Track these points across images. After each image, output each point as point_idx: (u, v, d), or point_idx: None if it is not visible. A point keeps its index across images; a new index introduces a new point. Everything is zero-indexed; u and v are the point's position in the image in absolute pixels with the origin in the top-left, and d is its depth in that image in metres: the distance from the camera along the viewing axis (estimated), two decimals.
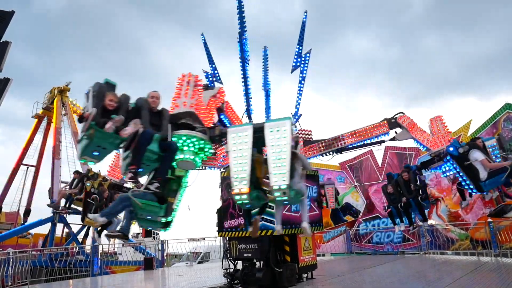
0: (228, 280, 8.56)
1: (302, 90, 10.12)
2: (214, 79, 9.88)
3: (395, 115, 8.83)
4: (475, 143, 7.35)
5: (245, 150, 4.86)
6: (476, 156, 7.03)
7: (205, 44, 10.29)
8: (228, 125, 8.81)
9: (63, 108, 26.54)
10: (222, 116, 8.77)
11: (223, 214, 8.91)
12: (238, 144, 4.91)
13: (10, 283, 10.85)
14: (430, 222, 15.31)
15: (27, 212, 26.48)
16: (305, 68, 10.17)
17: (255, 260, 8.70)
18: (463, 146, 7.27)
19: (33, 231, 23.34)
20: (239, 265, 9.03)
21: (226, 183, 8.96)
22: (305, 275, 9.18)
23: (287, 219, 8.34)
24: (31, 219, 25.04)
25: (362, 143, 9.27)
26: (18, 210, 26.83)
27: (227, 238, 9.21)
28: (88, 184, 10.15)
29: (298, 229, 8.58)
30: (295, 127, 9.76)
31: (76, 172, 12.07)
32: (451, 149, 7.37)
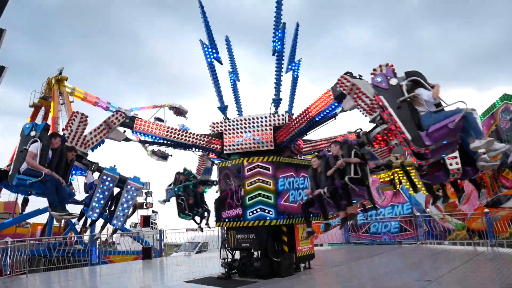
0: (226, 269, 8.60)
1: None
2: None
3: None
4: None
5: None
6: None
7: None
8: None
9: (61, 97, 26.39)
10: None
11: (221, 204, 8.91)
12: None
13: (8, 272, 10.89)
14: (427, 210, 15.41)
15: (25, 201, 26.42)
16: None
17: (253, 250, 8.74)
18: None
19: (31, 220, 23.38)
20: (237, 255, 9.07)
21: (224, 173, 8.95)
22: (302, 265, 9.23)
23: (284, 209, 8.36)
24: (29, 209, 25.07)
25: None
26: (16, 199, 26.77)
27: (225, 228, 9.23)
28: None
29: (296, 219, 8.61)
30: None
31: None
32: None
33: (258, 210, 8.17)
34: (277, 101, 9.22)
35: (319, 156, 6.80)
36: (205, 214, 11.16)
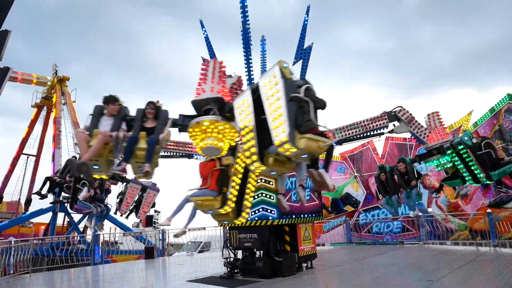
0: (228, 269, 8.62)
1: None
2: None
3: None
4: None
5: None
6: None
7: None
8: None
9: (63, 98, 26.50)
10: None
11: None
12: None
13: (12, 272, 10.93)
14: (430, 210, 15.39)
15: (28, 201, 26.58)
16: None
17: (255, 250, 8.75)
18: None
19: (34, 220, 23.45)
20: (239, 254, 9.08)
21: None
22: (304, 265, 9.25)
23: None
24: (32, 209, 25.17)
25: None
26: (19, 199, 26.98)
27: (227, 227, 9.25)
28: None
29: (298, 218, 8.63)
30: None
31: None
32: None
33: (261, 209, 8.19)
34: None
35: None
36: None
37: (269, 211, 8.17)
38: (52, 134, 25.51)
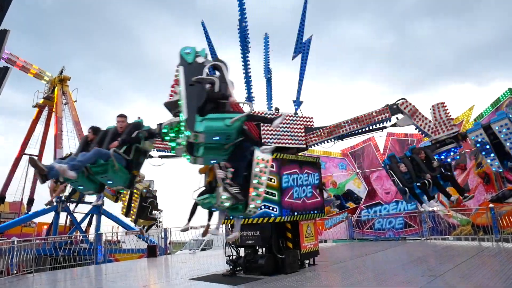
0: (231, 267, 8.63)
1: (303, 77, 10.04)
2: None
3: (397, 101, 8.57)
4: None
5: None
6: None
7: (204, 29, 10.15)
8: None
9: (64, 97, 26.50)
10: None
11: None
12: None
13: (15, 271, 10.97)
14: (431, 207, 15.36)
15: (31, 201, 26.66)
16: (306, 55, 10.12)
17: (257, 247, 8.76)
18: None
19: (37, 220, 23.51)
20: (242, 252, 9.09)
21: None
22: (307, 262, 9.26)
23: (289, 206, 8.37)
24: (34, 208, 25.25)
25: (363, 130, 9.09)
26: (22, 199, 27.00)
27: (230, 225, 9.25)
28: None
29: (300, 216, 8.62)
30: (295, 113, 9.64)
31: None
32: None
33: (263, 207, 8.18)
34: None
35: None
36: None
37: (271, 208, 8.16)
38: (54, 134, 25.53)
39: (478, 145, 7.71)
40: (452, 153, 8.33)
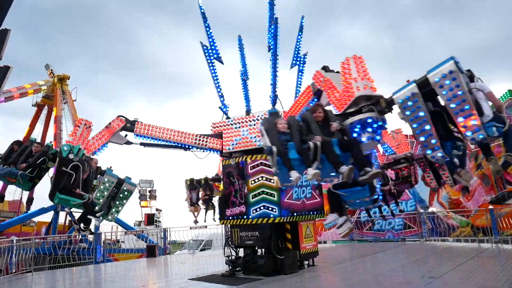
0: (230, 267, 8.62)
1: (300, 87, 9.98)
2: (214, 54, 9.58)
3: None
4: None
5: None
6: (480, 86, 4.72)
7: (203, 15, 9.82)
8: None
9: (63, 97, 26.50)
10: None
11: (224, 202, 8.93)
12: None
13: (14, 271, 10.96)
14: (431, 209, 15.37)
15: (30, 200, 26.65)
16: (302, 69, 10.08)
17: (256, 248, 8.75)
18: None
19: (36, 219, 23.52)
20: (241, 252, 9.08)
21: (227, 171, 8.96)
22: (306, 262, 9.24)
23: (289, 206, 8.36)
24: (34, 207, 25.22)
25: None
26: (21, 198, 27.00)
27: (229, 226, 9.24)
28: None
29: (300, 216, 8.61)
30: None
31: None
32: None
33: (262, 207, 8.18)
34: (274, 98, 9.34)
35: None
36: None
37: (270, 209, 8.16)
38: (53, 133, 25.53)
39: (407, 112, 4.72)
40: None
